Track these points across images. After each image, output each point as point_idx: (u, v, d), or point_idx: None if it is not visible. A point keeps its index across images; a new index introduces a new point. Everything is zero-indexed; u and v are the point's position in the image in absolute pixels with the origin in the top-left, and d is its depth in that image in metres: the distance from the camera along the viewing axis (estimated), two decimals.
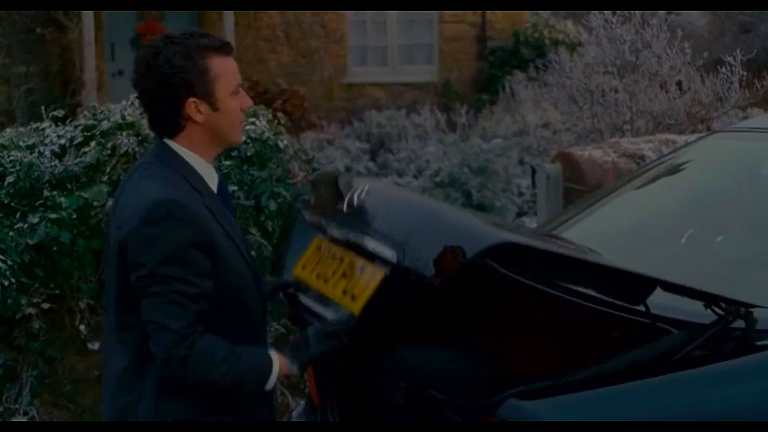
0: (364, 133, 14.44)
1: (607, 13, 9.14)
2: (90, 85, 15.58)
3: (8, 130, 6.89)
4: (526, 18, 17.94)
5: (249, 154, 6.59)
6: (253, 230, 6.50)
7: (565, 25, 17.98)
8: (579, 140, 9.36)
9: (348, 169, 13.39)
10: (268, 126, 6.74)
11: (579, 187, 7.06)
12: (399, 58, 17.77)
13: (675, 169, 5.40)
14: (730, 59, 8.17)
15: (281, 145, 6.70)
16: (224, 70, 3.20)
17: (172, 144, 3.21)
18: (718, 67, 8.48)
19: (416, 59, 17.87)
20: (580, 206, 5.52)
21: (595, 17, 8.87)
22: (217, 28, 16.20)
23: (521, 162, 12.80)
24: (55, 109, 7.16)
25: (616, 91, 8.47)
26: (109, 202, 6.25)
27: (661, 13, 10.23)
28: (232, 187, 6.45)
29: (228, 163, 6.54)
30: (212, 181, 3.29)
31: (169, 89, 3.12)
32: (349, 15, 17.38)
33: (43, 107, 7.24)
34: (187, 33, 3.20)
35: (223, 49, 3.22)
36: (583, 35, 17.46)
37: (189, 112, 3.15)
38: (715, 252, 4.56)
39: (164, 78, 3.11)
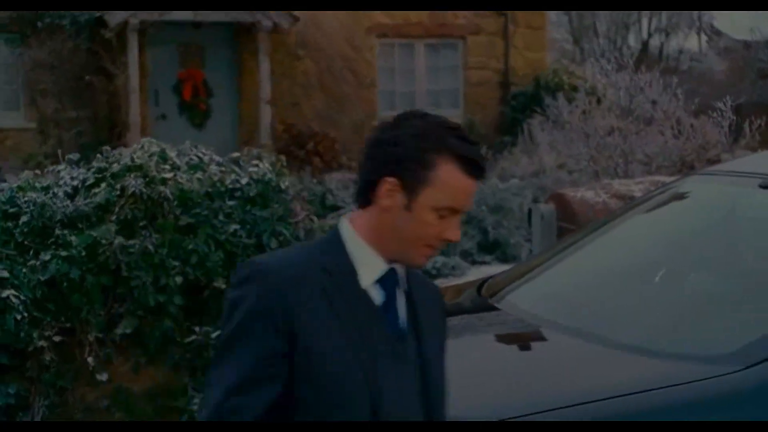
0: None
1: (603, 61, 9.02)
2: (134, 128, 15.62)
3: (26, 172, 6.85)
4: (547, 65, 17.81)
5: (251, 194, 6.51)
6: None
7: (583, 71, 17.80)
8: (589, 180, 9.22)
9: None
10: (270, 168, 6.65)
11: (571, 226, 6.96)
12: (426, 102, 17.66)
13: (654, 210, 5.27)
14: (720, 105, 8.01)
15: (283, 186, 6.61)
16: (451, 183, 2.43)
17: (344, 225, 2.49)
18: (710, 111, 8.32)
19: (442, 103, 17.75)
20: (564, 244, 5.42)
21: (591, 65, 8.75)
22: (254, 76, 16.24)
23: (535, 201, 12.64)
24: (101, 152, 7.09)
25: (610, 133, 8.33)
26: (117, 241, 6.20)
27: (670, 59, 10.06)
28: (234, 226, 6.37)
29: (231, 203, 6.46)
30: (369, 275, 2.49)
31: (381, 152, 2.46)
32: (379, 62, 17.34)
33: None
34: (445, 123, 2.51)
35: (469, 168, 2.44)
36: (601, 81, 17.36)
37: (381, 188, 2.43)
38: (685, 290, 4.49)
39: (388, 141, 2.47)
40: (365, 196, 2.45)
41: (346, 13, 16.95)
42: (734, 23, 34.17)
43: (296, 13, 16.04)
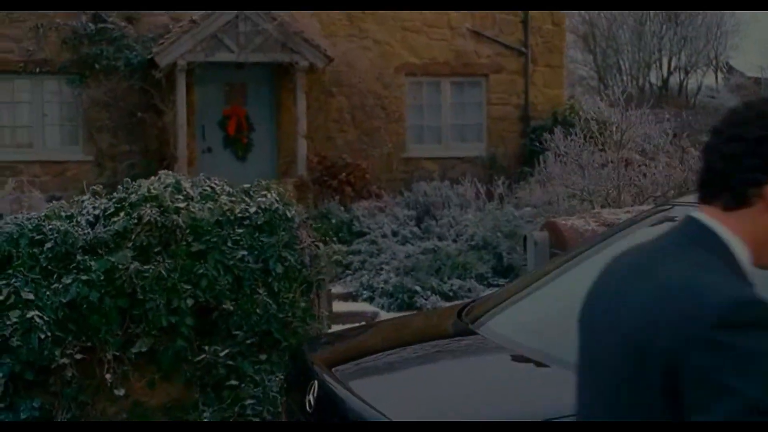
0: (413, 201, 14.24)
1: (596, 98, 8.87)
2: (182, 160, 15.66)
3: (54, 202, 6.83)
4: (564, 100, 17.65)
5: (259, 222, 6.44)
6: (261, 290, 6.32)
7: (598, 107, 17.61)
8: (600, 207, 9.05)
9: (394, 233, 13.19)
10: (278, 198, 6.58)
11: (562, 252, 6.84)
12: (451, 135, 17.60)
13: (630, 236, 5.14)
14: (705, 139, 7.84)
15: (289, 214, 6.54)
16: None
17: (710, 223, 2.05)
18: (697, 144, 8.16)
19: (467, 137, 17.66)
20: (545, 270, 5.33)
21: (586, 101, 8.62)
22: (292, 111, 16.25)
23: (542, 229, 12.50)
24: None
25: (604, 165, 8.19)
26: (133, 266, 6.15)
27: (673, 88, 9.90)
28: (242, 252, 6.31)
29: (240, 231, 6.39)
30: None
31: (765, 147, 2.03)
32: (408, 99, 17.30)
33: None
34: None
35: None
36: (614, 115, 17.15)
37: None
38: None
39: None
40: (736, 193, 2.03)
41: (377, 53, 16.97)
42: (747, 62, 33.81)
43: (330, 53, 16.04)
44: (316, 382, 4.25)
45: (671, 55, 39.68)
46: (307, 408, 4.24)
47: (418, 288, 11.49)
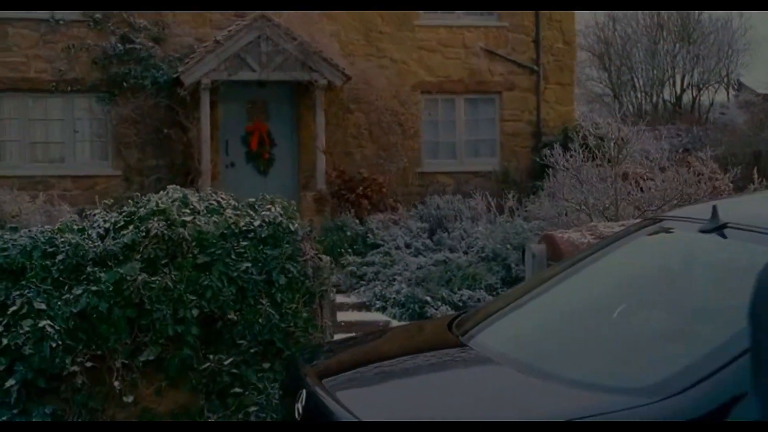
0: (426, 214, 14.18)
1: (592, 115, 8.78)
2: (206, 174, 15.69)
3: (68, 215, 6.83)
4: (575, 117, 17.56)
5: (263, 235, 6.40)
6: (264, 301, 6.28)
7: (608, 123, 17.49)
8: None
9: (407, 245, 13.13)
10: (282, 212, 6.54)
11: (552, 265, 6.75)
12: (465, 151, 17.54)
13: (615, 250, 5.07)
14: (701, 154, 7.76)
15: (293, 227, 6.49)
16: None
17: None
18: (689, 161, 8.07)
19: (480, 152, 17.60)
20: (535, 282, 5.26)
21: (584, 123, 8.56)
22: (311, 128, 16.26)
23: None
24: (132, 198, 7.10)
25: (602, 179, 8.10)
26: (140, 277, 6.13)
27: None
28: (246, 264, 6.27)
29: (245, 243, 6.36)
30: None
31: None
32: (423, 115, 17.27)
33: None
34: None
35: None
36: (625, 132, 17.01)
37: None
38: (632, 327, 4.29)
39: None
40: None
41: (394, 71, 16.96)
42: (757, 80, 33.54)
43: (348, 71, 16.04)
44: (304, 391, 4.21)
45: (684, 72, 39.43)
46: (296, 416, 4.20)
47: (428, 298, 11.42)
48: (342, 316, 11.86)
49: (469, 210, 14.09)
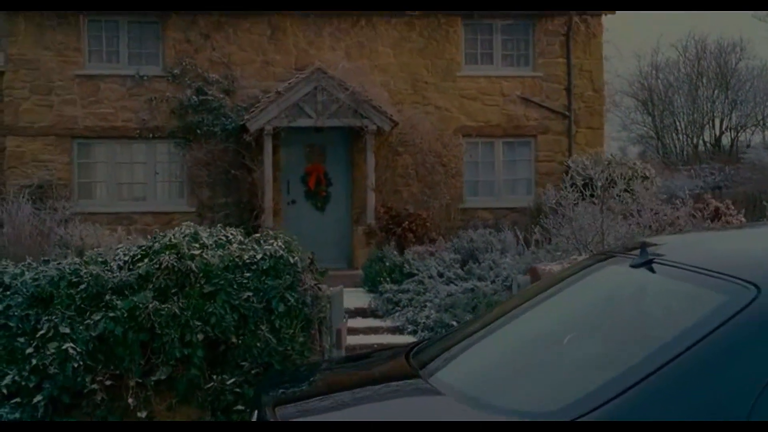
0: (460, 246, 13.94)
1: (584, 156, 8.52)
2: (268, 211, 15.70)
3: (92, 249, 6.84)
4: (604, 156, 17.15)
5: (265, 267, 6.31)
6: (264, 327, 6.17)
7: (634, 162, 17.09)
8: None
9: (440, 274, 12.91)
10: (283, 246, 6.44)
11: (510, 297, 6.51)
12: (503, 188, 17.27)
13: (567, 284, 4.86)
14: (681, 193, 7.45)
15: (292, 260, 6.38)
16: None
17: None
18: (672, 199, 7.75)
19: (518, 190, 17.31)
20: (491, 314, 5.06)
21: (574, 162, 8.29)
22: (363, 168, 16.18)
23: None
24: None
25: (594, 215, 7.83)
26: (152, 305, 6.09)
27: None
28: (247, 293, 6.18)
29: (248, 274, 6.27)
30: None
31: None
32: (465, 157, 17.07)
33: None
34: None
35: None
36: (650, 170, 16.58)
37: None
38: (573, 352, 4.09)
39: None
40: None
41: (438, 117, 16.83)
42: None
43: (395, 117, 15.96)
44: (256, 412, 4.09)
45: (722, 116, 38.56)
46: None
47: (454, 323, 11.18)
48: (376, 339, 11.71)
49: (499, 242, 13.81)
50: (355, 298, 13.09)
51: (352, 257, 16.09)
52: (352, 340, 11.17)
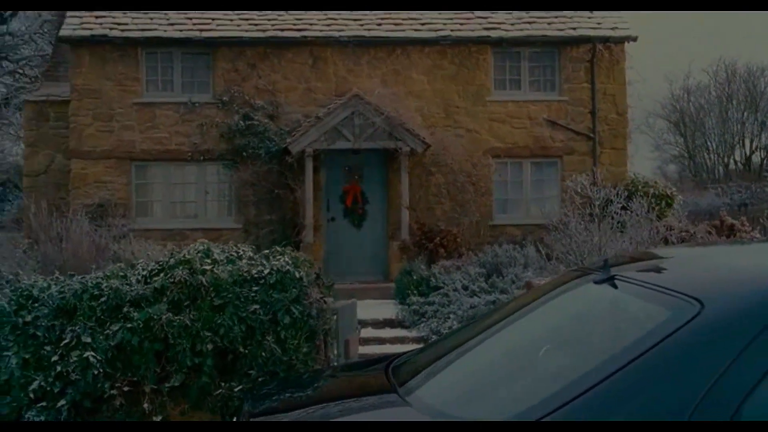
0: (485, 261, 13.74)
1: (581, 177, 8.30)
2: (309, 227, 15.71)
3: (117, 264, 6.84)
4: (627, 176, 16.82)
5: (272, 281, 6.24)
6: (269, 337, 6.10)
7: (655, 181, 16.72)
8: None
9: (465, 287, 12.73)
10: (290, 261, 6.37)
11: (489, 312, 6.33)
12: (531, 206, 17.02)
13: (544, 300, 4.70)
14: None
15: (298, 275, 6.31)
16: None
17: None
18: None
19: (544, 207, 17.04)
20: (472, 329, 4.92)
21: (573, 182, 8.07)
22: (398, 188, 16.10)
23: None
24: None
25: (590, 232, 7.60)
26: (165, 317, 6.06)
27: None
28: (254, 306, 6.12)
29: (256, 288, 6.21)
30: None
31: None
32: (494, 177, 16.88)
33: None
34: None
35: None
36: (670, 188, 16.20)
37: None
38: (540, 365, 3.96)
39: None
40: None
41: (468, 139, 16.68)
42: None
43: (428, 140, 15.87)
44: (235, 418, 4.01)
45: (752, 137, 37.69)
46: None
47: None
48: (402, 348, 11.58)
49: (522, 257, 13.58)
50: (386, 309, 12.98)
51: (387, 271, 15.99)
52: (378, 349, 11.07)
